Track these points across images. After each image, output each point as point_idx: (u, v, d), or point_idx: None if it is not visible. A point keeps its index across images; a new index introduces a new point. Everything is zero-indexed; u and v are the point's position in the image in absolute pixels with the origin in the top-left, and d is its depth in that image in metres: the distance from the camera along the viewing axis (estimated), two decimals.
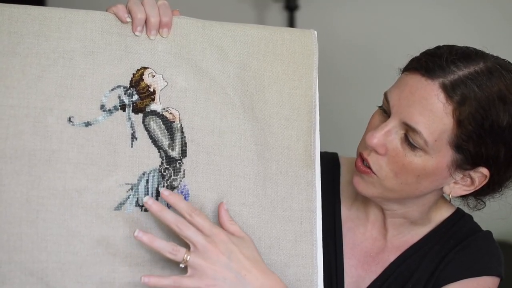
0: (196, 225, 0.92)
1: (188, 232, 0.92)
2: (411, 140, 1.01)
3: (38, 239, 0.91)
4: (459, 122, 0.99)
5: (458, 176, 1.05)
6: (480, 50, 1.05)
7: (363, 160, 1.07)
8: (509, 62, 1.06)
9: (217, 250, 0.92)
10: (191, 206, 0.94)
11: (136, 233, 0.91)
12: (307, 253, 1.03)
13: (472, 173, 1.05)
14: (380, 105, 1.09)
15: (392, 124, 1.03)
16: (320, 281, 1.03)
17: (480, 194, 1.11)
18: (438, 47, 1.06)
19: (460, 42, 1.08)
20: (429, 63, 1.01)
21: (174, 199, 0.94)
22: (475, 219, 1.19)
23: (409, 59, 1.07)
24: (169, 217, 0.92)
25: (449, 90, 0.99)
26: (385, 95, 1.06)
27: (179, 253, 0.91)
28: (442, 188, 1.08)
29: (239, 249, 0.93)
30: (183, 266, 0.92)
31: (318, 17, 2.51)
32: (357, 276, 1.17)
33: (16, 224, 0.90)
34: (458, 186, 1.07)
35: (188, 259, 0.91)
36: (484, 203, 1.14)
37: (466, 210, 1.17)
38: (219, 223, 0.97)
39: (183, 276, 0.91)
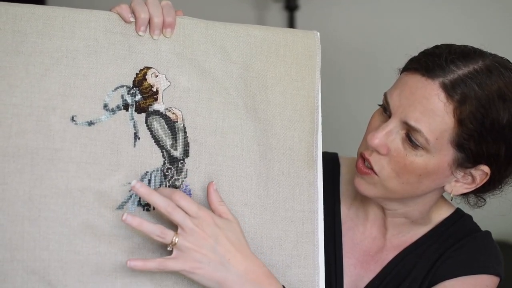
0: (182, 209, 0.92)
1: (177, 215, 0.91)
2: (413, 139, 1.02)
3: (40, 237, 0.91)
4: (460, 121, 1.00)
5: (459, 174, 1.06)
6: (478, 49, 1.06)
7: (364, 160, 1.07)
8: (508, 60, 1.07)
9: (204, 233, 0.92)
10: (176, 191, 0.94)
11: (124, 217, 0.90)
12: (309, 254, 1.03)
13: (473, 171, 1.05)
14: (380, 103, 1.09)
15: (393, 124, 1.03)
16: (322, 282, 1.03)
17: (481, 191, 1.11)
18: (437, 47, 1.06)
19: (459, 42, 1.08)
20: (429, 62, 1.01)
21: (159, 188, 0.94)
22: (475, 216, 1.19)
23: (408, 59, 1.08)
24: (158, 200, 0.92)
25: (449, 90, 0.99)
26: (385, 95, 1.06)
27: (167, 236, 0.91)
28: (443, 187, 1.09)
29: (224, 233, 0.93)
30: (170, 249, 0.92)
31: (318, 17, 2.51)
32: (356, 275, 1.17)
33: (19, 222, 0.90)
34: (459, 185, 1.08)
35: (176, 241, 0.91)
36: (485, 200, 1.15)
37: (466, 207, 1.17)
38: (208, 203, 0.97)
39: (168, 258, 0.91)
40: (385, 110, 1.07)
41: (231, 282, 0.93)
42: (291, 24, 2.48)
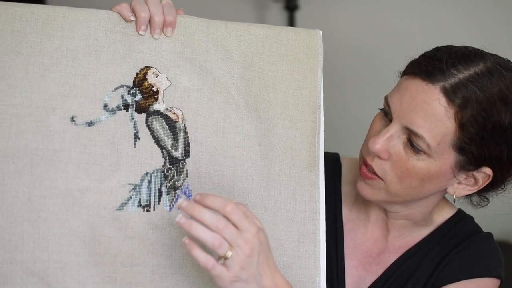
0: (233, 222, 0.88)
1: (228, 235, 0.87)
2: (414, 144, 1.01)
3: (39, 238, 0.90)
4: (461, 125, 0.99)
5: (462, 177, 1.06)
6: (479, 50, 1.05)
7: (366, 165, 1.07)
8: (509, 61, 1.06)
9: (250, 251, 0.88)
10: (229, 202, 0.88)
11: (182, 221, 0.85)
12: (310, 255, 1.03)
13: (475, 173, 1.05)
14: (380, 107, 1.08)
15: (394, 129, 1.03)
16: (323, 283, 1.03)
17: (483, 191, 1.11)
18: (437, 49, 1.05)
19: (460, 42, 1.08)
20: (429, 66, 1.01)
21: (210, 195, 0.89)
22: (478, 215, 1.19)
23: (408, 62, 1.07)
24: (206, 218, 0.87)
25: (450, 94, 0.99)
26: (386, 99, 1.06)
27: (223, 249, 0.87)
28: (445, 189, 1.08)
29: (263, 248, 0.90)
30: (221, 262, 0.88)
31: (318, 17, 2.51)
32: (357, 276, 1.17)
33: (18, 223, 0.90)
34: (462, 187, 1.07)
35: (229, 256, 0.87)
36: (488, 199, 1.14)
37: (470, 207, 1.16)
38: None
39: (218, 265, 0.87)
40: (386, 115, 1.06)
41: None
42: (291, 24, 2.48)
